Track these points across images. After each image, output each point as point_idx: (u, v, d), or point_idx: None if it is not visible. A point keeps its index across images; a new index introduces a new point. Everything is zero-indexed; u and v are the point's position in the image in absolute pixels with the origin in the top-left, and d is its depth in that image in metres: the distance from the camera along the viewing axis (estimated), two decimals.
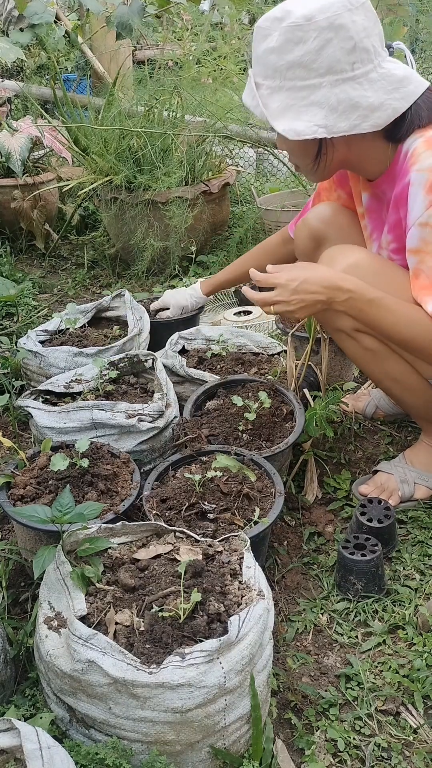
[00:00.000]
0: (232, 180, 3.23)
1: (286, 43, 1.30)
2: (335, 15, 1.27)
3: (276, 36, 1.31)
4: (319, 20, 1.28)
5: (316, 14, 1.28)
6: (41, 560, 1.15)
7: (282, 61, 1.32)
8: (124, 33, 3.44)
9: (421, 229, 1.35)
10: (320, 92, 1.31)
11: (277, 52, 1.32)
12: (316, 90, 1.32)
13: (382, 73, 1.33)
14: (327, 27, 1.27)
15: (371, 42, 1.31)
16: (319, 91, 1.31)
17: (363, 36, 1.29)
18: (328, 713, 1.19)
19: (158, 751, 0.98)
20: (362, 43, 1.29)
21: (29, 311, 2.79)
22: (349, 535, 1.48)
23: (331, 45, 1.28)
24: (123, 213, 2.99)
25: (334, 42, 1.28)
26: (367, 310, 1.39)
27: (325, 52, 1.29)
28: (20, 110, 4.04)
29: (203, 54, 3.49)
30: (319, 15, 1.28)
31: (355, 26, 1.28)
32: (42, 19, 3.34)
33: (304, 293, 1.39)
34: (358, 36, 1.29)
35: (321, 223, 1.75)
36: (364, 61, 1.31)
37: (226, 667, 0.99)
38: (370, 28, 1.31)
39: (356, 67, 1.30)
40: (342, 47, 1.28)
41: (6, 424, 1.99)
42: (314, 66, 1.30)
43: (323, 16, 1.27)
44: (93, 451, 1.52)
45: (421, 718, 1.18)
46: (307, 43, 1.29)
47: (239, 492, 1.40)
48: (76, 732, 1.05)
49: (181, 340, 2.05)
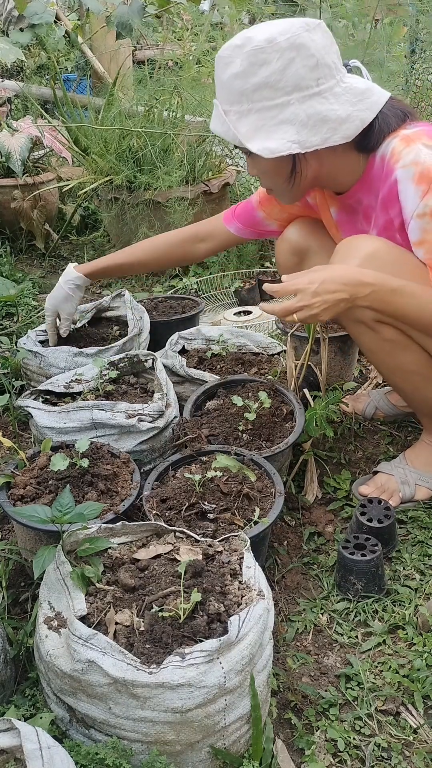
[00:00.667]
0: (232, 180, 3.23)
1: (250, 66, 1.33)
2: (295, 35, 1.31)
3: (239, 61, 1.34)
4: (280, 41, 1.31)
5: (277, 36, 1.32)
6: (41, 560, 1.15)
7: (248, 85, 1.34)
8: (124, 33, 3.44)
9: (420, 221, 1.38)
10: (289, 110, 1.35)
11: (242, 77, 1.34)
12: (284, 108, 1.35)
13: (345, 87, 1.37)
14: (288, 47, 1.31)
15: (331, 59, 1.36)
16: (287, 108, 1.35)
17: (323, 53, 1.34)
18: (328, 713, 1.19)
19: (158, 751, 0.98)
20: (323, 60, 1.34)
21: (29, 311, 2.79)
22: (349, 535, 1.48)
23: (294, 63, 1.32)
24: (123, 213, 2.99)
25: (297, 60, 1.32)
26: (391, 300, 1.38)
27: (289, 70, 1.32)
28: (20, 110, 4.04)
29: (203, 54, 3.49)
30: (280, 37, 1.32)
31: (315, 44, 1.33)
32: (42, 19, 3.34)
33: (325, 294, 1.37)
34: (319, 53, 1.33)
35: (300, 237, 1.78)
36: (327, 77, 1.35)
37: (226, 667, 0.99)
38: (328, 46, 1.35)
39: (321, 82, 1.34)
40: (305, 64, 1.32)
41: (6, 424, 1.99)
42: (280, 85, 1.33)
43: (284, 38, 1.31)
44: (93, 451, 1.52)
45: (421, 718, 1.18)
46: (271, 64, 1.32)
47: (239, 492, 1.40)
48: (76, 732, 1.05)
49: (181, 340, 2.05)
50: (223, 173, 3.22)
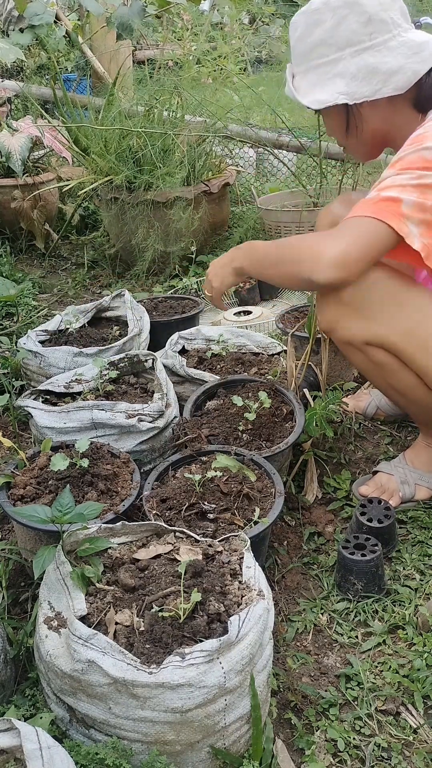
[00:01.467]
0: (232, 180, 3.23)
1: (307, 27, 1.43)
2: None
3: (301, 25, 1.44)
4: (333, 1, 1.39)
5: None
6: (41, 560, 1.15)
7: (306, 46, 1.44)
8: (124, 34, 3.44)
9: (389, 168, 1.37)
10: (341, 64, 1.41)
11: (302, 38, 1.44)
12: (337, 63, 1.41)
13: (401, 40, 1.39)
14: (342, 5, 1.38)
15: (389, 15, 1.38)
16: (340, 63, 1.41)
17: (379, 9, 1.37)
18: (328, 713, 1.19)
19: (158, 751, 0.98)
20: (378, 15, 1.37)
21: (29, 311, 2.79)
22: (349, 535, 1.48)
23: (346, 20, 1.38)
24: (123, 213, 2.99)
25: (350, 17, 1.38)
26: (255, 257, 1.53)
27: (341, 27, 1.39)
28: (20, 110, 4.04)
29: (203, 54, 3.49)
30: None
31: (370, 1, 1.37)
32: (42, 20, 3.34)
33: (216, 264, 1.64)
34: (374, 9, 1.37)
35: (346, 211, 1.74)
36: (382, 31, 1.38)
37: (226, 667, 0.99)
38: (387, 3, 1.39)
39: (374, 36, 1.38)
40: (357, 20, 1.38)
41: (6, 424, 1.99)
42: (333, 41, 1.40)
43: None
44: (93, 451, 1.52)
45: (421, 718, 1.18)
46: (325, 23, 1.40)
47: (239, 492, 1.40)
48: (76, 732, 1.05)
49: (181, 340, 2.05)
50: (223, 173, 3.22)
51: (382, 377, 1.54)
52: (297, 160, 3.65)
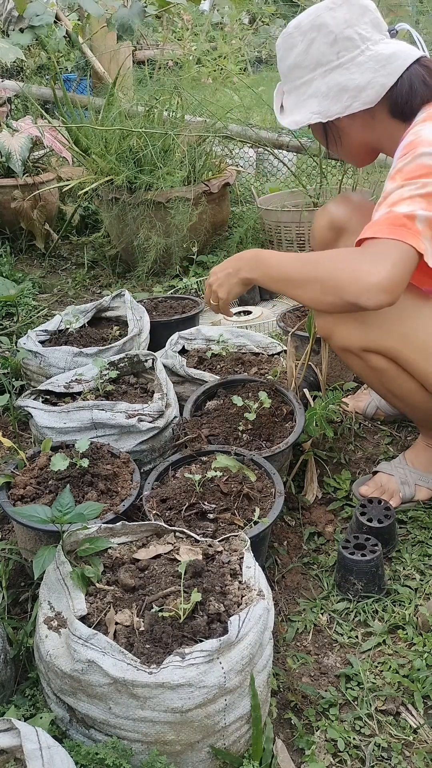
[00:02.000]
0: (232, 180, 3.23)
1: (285, 51, 1.50)
2: (316, 16, 1.43)
3: (281, 48, 1.51)
4: (303, 24, 1.45)
5: (302, 20, 1.46)
6: (41, 560, 1.15)
7: (285, 68, 1.51)
8: (125, 35, 3.45)
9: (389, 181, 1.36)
10: (314, 84, 1.47)
11: (282, 61, 1.52)
12: (311, 84, 1.48)
13: (369, 55, 1.42)
14: (310, 28, 1.44)
15: (355, 31, 1.42)
16: (313, 83, 1.48)
17: (344, 27, 1.42)
18: (328, 713, 1.19)
19: (158, 751, 0.98)
20: (344, 34, 1.42)
21: (29, 311, 2.79)
22: (349, 535, 1.48)
23: (315, 42, 1.44)
24: (124, 214, 2.99)
25: (318, 39, 1.44)
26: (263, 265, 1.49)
27: (311, 49, 1.45)
28: (20, 110, 4.04)
29: (203, 54, 3.49)
30: (304, 20, 1.45)
31: (335, 21, 1.42)
32: (42, 20, 3.34)
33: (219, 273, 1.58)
34: (339, 28, 1.42)
35: (343, 213, 1.75)
36: (349, 48, 1.43)
37: (226, 667, 0.99)
38: (353, 19, 1.42)
39: (341, 55, 1.43)
40: (325, 41, 1.43)
41: (6, 424, 1.99)
42: (305, 64, 1.47)
43: (307, 20, 1.45)
44: (93, 451, 1.52)
45: (421, 718, 1.18)
46: (297, 47, 1.47)
47: (239, 492, 1.40)
48: (76, 732, 1.05)
49: (181, 340, 2.05)
50: (223, 173, 3.22)
51: (381, 383, 1.54)
52: (297, 160, 3.66)
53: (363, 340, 1.46)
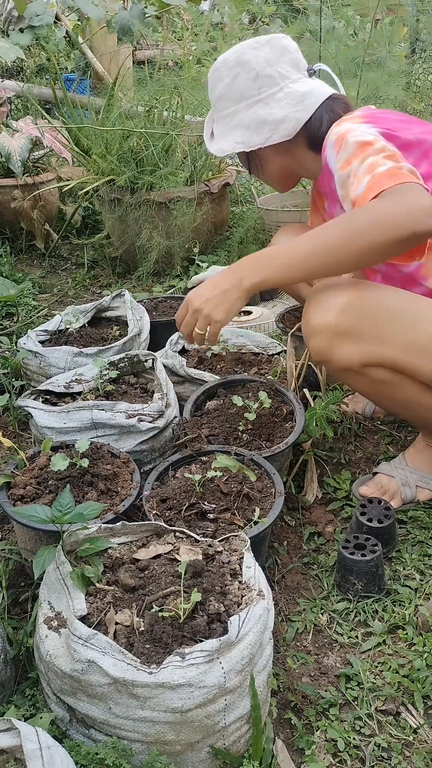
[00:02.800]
0: (232, 180, 3.23)
1: (213, 83, 1.61)
2: (241, 54, 1.56)
3: (210, 79, 1.62)
4: (229, 60, 1.57)
5: (229, 56, 1.57)
6: (41, 560, 1.15)
7: (213, 98, 1.63)
8: (125, 38, 3.45)
9: (340, 173, 1.42)
10: (238, 116, 1.59)
11: (211, 92, 1.63)
12: (235, 115, 1.60)
13: (287, 92, 1.56)
14: (235, 64, 1.56)
15: (275, 69, 1.55)
16: (237, 115, 1.59)
17: (264, 66, 1.54)
18: (328, 713, 1.19)
19: (158, 751, 0.98)
20: (264, 71, 1.55)
21: (29, 311, 2.79)
22: (349, 535, 1.48)
23: (239, 77, 1.56)
24: (126, 215, 2.98)
25: (241, 74, 1.56)
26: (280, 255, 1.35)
27: (235, 83, 1.57)
28: (20, 110, 4.04)
29: (203, 54, 3.49)
30: (231, 56, 1.57)
31: (257, 59, 1.55)
32: (42, 21, 3.34)
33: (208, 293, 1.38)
34: (260, 66, 1.54)
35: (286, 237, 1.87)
36: (269, 85, 1.55)
37: (226, 667, 0.99)
38: (273, 59, 1.55)
39: (262, 91, 1.56)
40: (247, 77, 1.55)
41: (6, 424, 1.99)
42: (230, 96, 1.59)
43: (233, 56, 1.57)
44: (93, 451, 1.52)
45: (421, 718, 1.18)
46: (223, 80, 1.58)
47: (239, 492, 1.40)
48: (76, 732, 1.05)
49: (181, 340, 2.05)
50: (223, 173, 3.22)
51: (386, 394, 1.51)
52: None
53: (362, 356, 1.42)
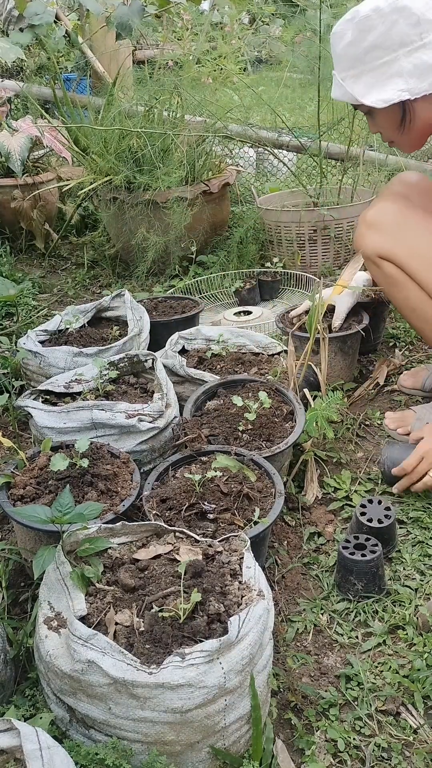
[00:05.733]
0: (232, 180, 3.23)
1: (359, 33, 1.54)
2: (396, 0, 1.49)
3: (350, 32, 1.55)
4: (383, 8, 1.51)
5: (380, 3, 1.51)
6: (41, 560, 1.15)
7: (359, 50, 1.55)
8: (124, 33, 3.44)
9: None
10: (397, 64, 1.54)
11: (354, 44, 1.56)
12: (393, 64, 1.54)
13: None
14: (391, 11, 1.50)
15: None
16: (396, 63, 1.54)
17: (425, 10, 1.49)
18: (328, 713, 1.19)
19: (158, 751, 0.98)
20: (425, 16, 1.49)
21: (29, 311, 2.79)
22: (349, 535, 1.48)
23: (397, 24, 1.50)
24: (123, 213, 2.99)
25: (400, 21, 1.50)
26: None
27: (393, 30, 1.51)
28: (20, 110, 4.04)
29: (203, 54, 3.49)
30: (383, 3, 1.51)
31: (417, 4, 1.49)
32: (42, 20, 3.34)
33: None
34: (420, 11, 1.49)
35: (403, 185, 1.89)
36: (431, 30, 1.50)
37: (226, 668, 0.99)
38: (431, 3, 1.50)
39: (424, 36, 1.50)
40: (407, 23, 1.50)
41: (6, 424, 1.99)
42: (387, 44, 1.52)
43: (386, 4, 1.51)
44: (93, 451, 1.52)
45: (421, 718, 1.18)
46: (377, 29, 1.52)
47: (239, 492, 1.40)
48: (76, 732, 1.05)
49: (181, 340, 2.05)
50: (223, 173, 3.22)
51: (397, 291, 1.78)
52: (297, 160, 3.65)
53: (377, 248, 1.76)
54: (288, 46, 3.69)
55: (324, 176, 3.19)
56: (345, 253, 2.97)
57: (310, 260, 2.98)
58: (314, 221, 2.86)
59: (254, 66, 4.90)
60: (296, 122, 3.42)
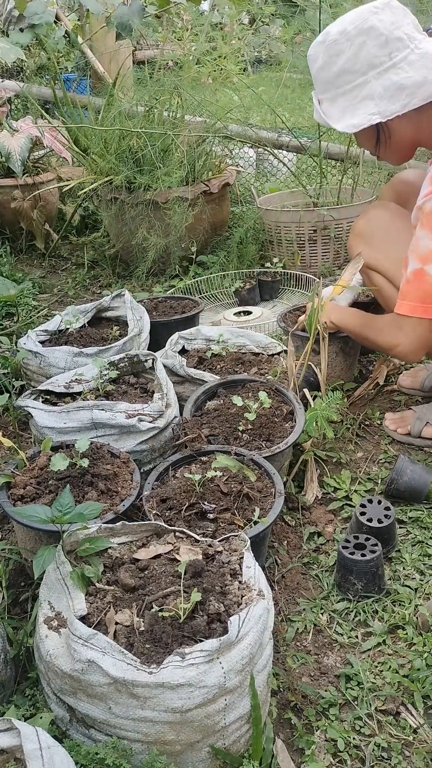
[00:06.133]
0: (232, 180, 3.23)
1: (329, 58, 1.52)
2: (362, 21, 1.47)
3: (321, 56, 1.54)
4: (350, 30, 1.48)
5: (347, 26, 1.49)
6: (41, 560, 1.15)
7: (330, 74, 1.54)
8: (124, 33, 3.44)
9: (415, 212, 1.55)
10: (368, 87, 1.51)
11: (325, 68, 1.54)
12: (364, 86, 1.52)
13: (419, 53, 1.49)
14: (358, 33, 1.48)
15: (403, 31, 1.48)
16: (366, 86, 1.51)
17: (393, 29, 1.47)
18: (328, 713, 1.19)
19: (158, 751, 0.98)
20: (393, 35, 1.47)
21: (29, 311, 2.79)
22: (349, 535, 1.48)
23: (365, 46, 1.48)
24: (123, 213, 2.99)
25: (368, 42, 1.47)
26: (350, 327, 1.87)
27: (362, 53, 1.48)
28: (20, 110, 4.04)
29: (203, 54, 3.49)
30: (350, 26, 1.49)
31: (383, 23, 1.47)
32: (42, 20, 3.33)
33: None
34: (388, 30, 1.47)
35: (404, 185, 1.90)
36: (400, 49, 1.48)
37: (226, 667, 0.99)
38: (398, 21, 1.48)
39: (393, 55, 1.48)
40: (375, 44, 1.47)
41: (6, 424, 1.99)
42: (356, 68, 1.50)
43: (353, 26, 1.48)
44: (93, 451, 1.52)
45: (421, 718, 1.18)
46: (345, 53, 1.50)
47: (239, 492, 1.40)
48: (76, 732, 1.05)
49: (181, 340, 2.05)
50: (223, 173, 3.22)
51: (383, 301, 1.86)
52: (297, 160, 3.65)
53: (368, 260, 1.82)
54: (288, 45, 3.69)
55: (324, 176, 3.20)
56: (345, 253, 2.97)
57: (310, 260, 2.99)
58: (314, 221, 2.86)
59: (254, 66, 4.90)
60: (296, 122, 3.42)
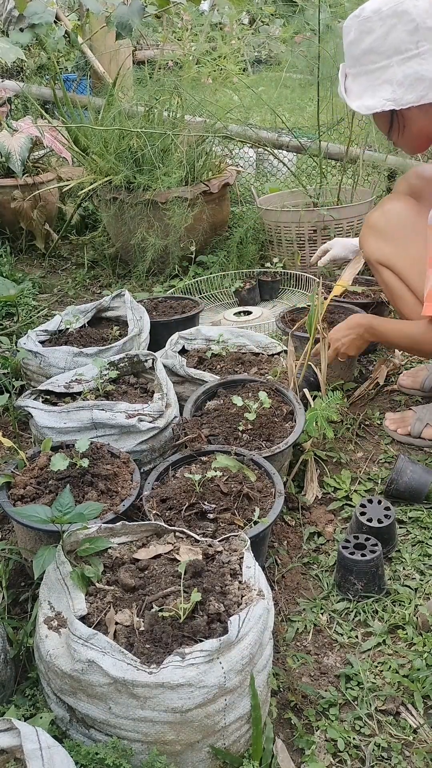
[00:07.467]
0: (232, 180, 3.23)
1: (359, 34, 1.52)
2: (398, 3, 1.45)
3: (353, 31, 1.53)
4: (384, 10, 1.47)
5: (382, 6, 1.47)
6: (41, 560, 1.15)
7: (358, 51, 1.53)
8: (123, 33, 3.43)
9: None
10: (389, 71, 1.50)
11: (354, 44, 1.54)
12: (386, 70, 1.51)
13: None
14: (391, 15, 1.46)
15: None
16: (388, 70, 1.50)
17: (426, 17, 1.44)
18: (328, 713, 1.19)
19: (158, 751, 0.98)
20: (425, 24, 1.44)
21: (29, 311, 2.79)
22: (349, 535, 1.48)
23: (395, 29, 1.46)
24: (123, 213, 2.99)
25: (398, 26, 1.46)
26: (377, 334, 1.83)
27: (390, 36, 1.47)
28: (20, 110, 4.04)
29: (203, 54, 3.49)
30: (384, 6, 1.47)
31: (417, 10, 1.44)
32: (42, 19, 3.33)
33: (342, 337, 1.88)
34: (420, 18, 1.44)
35: (420, 179, 1.87)
36: (429, 39, 1.45)
37: (226, 667, 0.99)
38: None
39: (420, 45, 1.46)
40: (405, 29, 1.45)
41: (6, 424, 1.99)
42: (382, 50, 1.49)
43: (387, 6, 1.47)
44: (93, 451, 1.52)
45: (421, 718, 1.18)
46: (375, 32, 1.49)
47: (239, 492, 1.40)
48: (76, 732, 1.05)
49: (181, 340, 2.05)
50: (223, 173, 3.22)
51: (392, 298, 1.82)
52: (297, 160, 3.65)
53: (378, 254, 1.79)
54: (288, 45, 3.69)
55: (324, 176, 3.20)
56: None
57: (310, 260, 2.98)
58: (314, 221, 2.86)
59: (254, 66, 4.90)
60: (296, 122, 3.42)
